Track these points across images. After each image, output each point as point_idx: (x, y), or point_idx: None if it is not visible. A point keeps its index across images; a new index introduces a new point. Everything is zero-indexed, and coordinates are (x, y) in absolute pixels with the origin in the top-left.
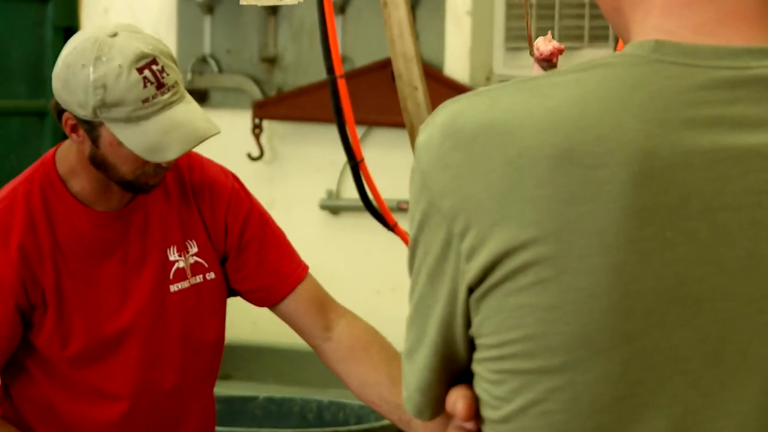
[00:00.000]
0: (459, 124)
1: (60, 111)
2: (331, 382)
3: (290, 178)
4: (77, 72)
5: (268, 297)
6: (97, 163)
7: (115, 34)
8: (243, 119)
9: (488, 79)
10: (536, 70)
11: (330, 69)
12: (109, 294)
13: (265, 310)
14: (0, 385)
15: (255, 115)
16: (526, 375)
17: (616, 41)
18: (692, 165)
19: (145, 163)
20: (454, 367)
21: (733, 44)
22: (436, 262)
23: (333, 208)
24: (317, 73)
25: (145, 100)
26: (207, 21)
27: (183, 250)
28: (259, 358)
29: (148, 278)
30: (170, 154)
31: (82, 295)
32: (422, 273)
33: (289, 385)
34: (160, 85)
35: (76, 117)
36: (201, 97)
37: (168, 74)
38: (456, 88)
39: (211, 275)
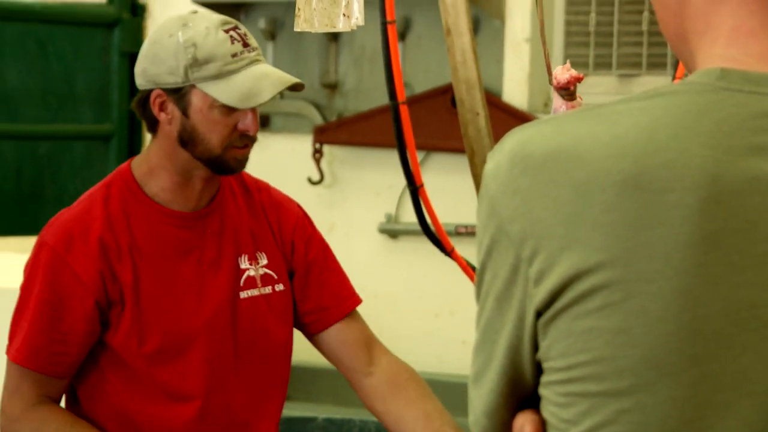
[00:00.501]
0: (527, 151)
1: (145, 98)
2: None
3: (350, 202)
4: (165, 41)
5: (324, 319)
6: (186, 138)
7: (195, 12)
8: (304, 144)
9: (546, 106)
10: (556, 98)
11: (393, 95)
12: (186, 293)
13: None
14: (66, 393)
15: (315, 140)
16: (594, 398)
17: (675, 68)
18: (759, 190)
19: (233, 131)
20: (520, 392)
21: None
22: (504, 287)
23: (392, 232)
24: (377, 99)
25: (234, 55)
26: (269, 47)
27: (254, 260)
28: (317, 379)
29: (223, 281)
30: (264, 96)
31: (160, 293)
32: (490, 298)
33: (347, 406)
34: (246, 44)
35: (165, 90)
36: (263, 122)
37: (251, 39)
38: (514, 115)
39: (280, 287)
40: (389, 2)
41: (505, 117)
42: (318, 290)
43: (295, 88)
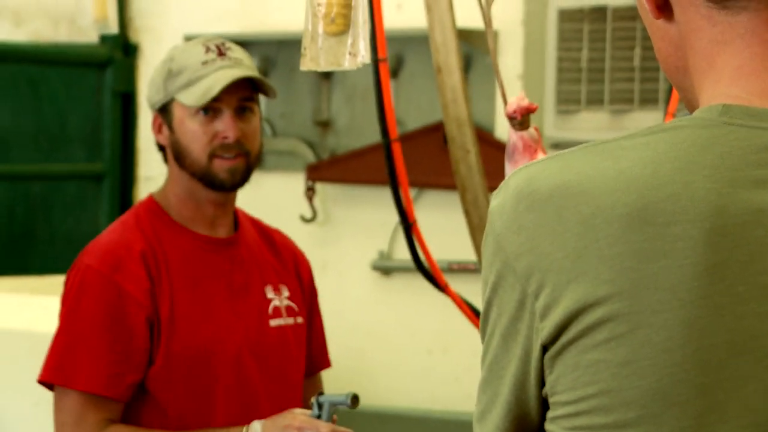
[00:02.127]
0: (533, 187)
1: (153, 123)
2: None
3: (342, 240)
4: (157, 67)
5: (313, 365)
6: (176, 154)
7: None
8: (296, 182)
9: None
10: (510, 128)
11: (385, 133)
12: (218, 316)
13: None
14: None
15: (308, 178)
16: (601, 430)
17: (666, 103)
18: (762, 223)
19: (213, 138)
20: (526, 428)
21: None
22: (510, 323)
23: (385, 269)
24: (370, 136)
25: (204, 63)
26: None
27: (278, 291)
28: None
29: (253, 308)
30: (215, 90)
31: (194, 314)
32: (496, 334)
33: None
34: (221, 54)
35: (159, 111)
36: None
37: (233, 51)
38: None
39: (299, 319)
40: (381, 40)
41: (497, 153)
42: (313, 337)
43: (266, 93)
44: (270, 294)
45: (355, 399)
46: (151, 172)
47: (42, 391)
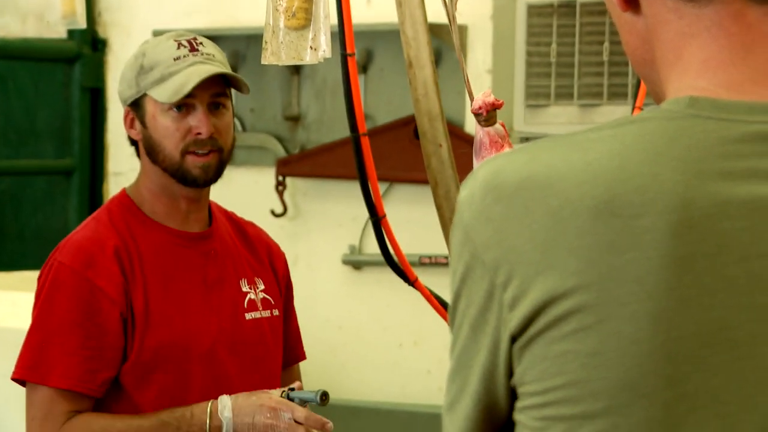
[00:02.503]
0: (500, 179)
1: (125, 118)
2: None
3: (313, 234)
4: (128, 61)
5: (288, 358)
6: (149, 149)
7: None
8: (266, 176)
9: (510, 137)
10: (476, 124)
11: (354, 127)
12: (193, 311)
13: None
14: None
15: (278, 173)
16: (569, 420)
17: (635, 98)
18: (729, 214)
19: (186, 134)
20: (495, 418)
21: (766, 101)
22: (478, 314)
23: (355, 263)
24: (340, 131)
25: (177, 58)
26: None
27: (252, 284)
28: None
29: (228, 302)
30: (188, 86)
31: (168, 310)
32: (464, 325)
33: None
34: (193, 49)
35: (130, 107)
36: None
37: (204, 46)
38: None
39: (276, 312)
40: (349, 35)
41: (467, 148)
42: (288, 328)
43: (240, 88)
44: (245, 287)
45: (324, 396)
46: (121, 168)
47: (12, 387)
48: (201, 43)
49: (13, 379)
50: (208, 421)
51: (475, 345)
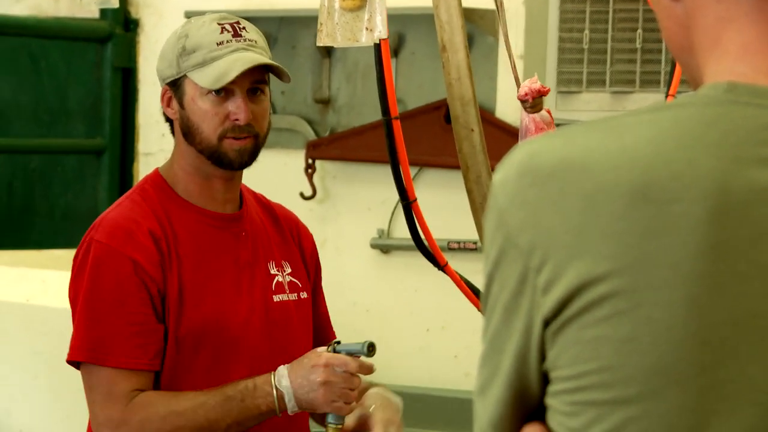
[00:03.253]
0: (535, 162)
1: (162, 96)
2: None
3: (342, 218)
4: (169, 39)
5: (318, 340)
6: (185, 130)
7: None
8: (296, 159)
9: None
10: (522, 110)
11: (386, 110)
12: (225, 292)
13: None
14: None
15: (308, 155)
16: (602, 406)
17: (668, 85)
18: (765, 201)
19: (225, 119)
20: (526, 402)
21: None
22: (511, 297)
23: (384, 247)
24: (370, 114)
25: (220, 43)
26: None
27: (280, 267)
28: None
29: (258, 284)
30: (230, 75)
31: (202, 290)
32: (497, 308)
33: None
34: (237, 35)
35: (168, 85)
36: None
37: (247, 31)
38: (507, 131)
39: (304, 294)
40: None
41: (498, 133)
42: (318, 310)
43: (281, 77)
44: (273, 270)
45: (371, 347)
46: (151, 148)
47: (41, 364)
48: (244, 28)
49: (67, 361)
50: (274, 392)
51: (507, 329)
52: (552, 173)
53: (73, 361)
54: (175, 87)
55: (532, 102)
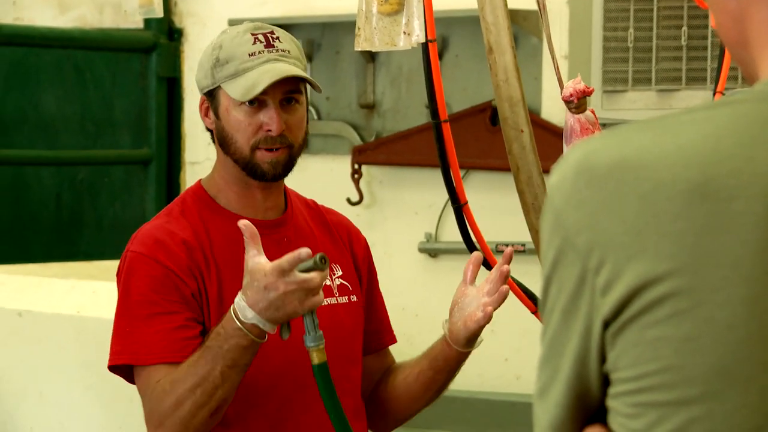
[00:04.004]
0: (592, 162)
1: (200, 106)
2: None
3: (389, 222)
4: (206, 50)
5: (377, 342)
6: (221, 140)
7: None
8: (342, 165)
9: None
10: (566, 111)
11: (435, 114)
12: None
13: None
14: None
15: (354, 161)
16: (664, 407)
17: (715, 82)
18: None
19: (257, 129)
20: (587, 404)
21: None
22: (570, 299)
23: (432, 251)
24: (415, 118)
25: (251, 54)
26: (307, 69)
27: (329, 270)
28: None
29: None
30: (259, 87)
31: None
32: (556, 311)
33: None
34: (269, 45)
35: (206, 95)
36: None
37: (281, 42)
38: (553, 131)
39: (354, 298)
40: (430, 21)
41: (544, 134)
42: (376, 311)
43: (312, 86)
44: None
45: (323, 260)
46: (197, 157)
47: (93, 376)
48: (278, 38)
49: (109, 367)
50: (243, 328)
51: (567, 331)
52: (608, 173)
53: (115, 366)
54: (211, 97)
55: (577, 102)
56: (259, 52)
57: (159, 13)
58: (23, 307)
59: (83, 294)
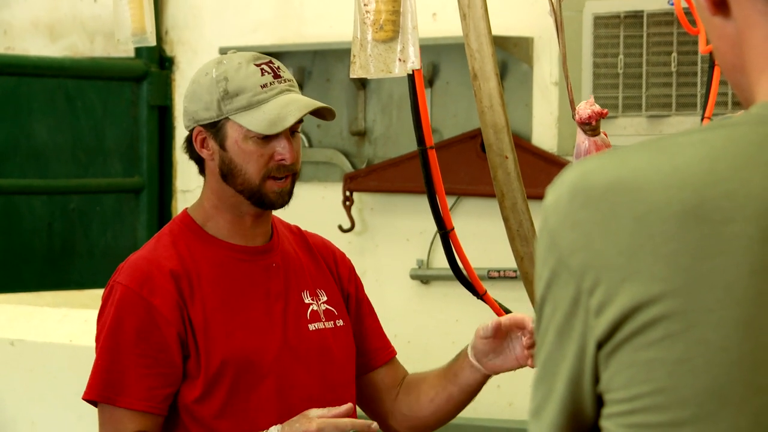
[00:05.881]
0: (587, 183)
1: (190, 138)
2: None
3: (381, 249)
4: (201, 80)
5: (372, 361)
6: (226, 171)
7: (234, 52)
8: (334, 192)
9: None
10: (579, 134)
11: (421, 140)
12: (256, 326)
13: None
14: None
15: (345, 188)
16: (656, 428)
17: (704, 108)
18: None
19: (269, 160)
20: (580, 425)
21: None
22: (564, 319)
23: (423, 277)
24: (406, 145)
25: (264, 86)
26: None
27: (315, 296)
28: None
29: (291, 314)
30: (289, 120)
31: (230, 326)
32: (550, 331)
33: None
34: (277, 76)
35: (204, 127)
36: None
37: (283, 71)
38: (544, 158)
39: (340, 322)
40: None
41: (535, 160)
42: (366, 331)
43: (325, 116)
44: (307, 299)
45: None
46: (189, 185)
47: (85, 405)
48: (279, 68)
49: (83, 399)
50: None
51: (560, 351)
52: (603, 194)
53: (89, 400)
54: (213, 129)
55: (594, 124)
56: (270, 84)
57: (152, 41)
58: (15, 336)
59: (75, 323)
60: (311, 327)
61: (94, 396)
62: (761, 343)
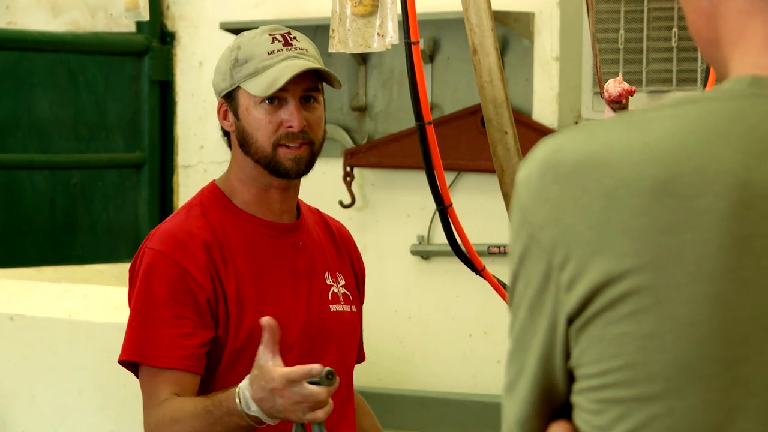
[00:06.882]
0: (558, 159)
1: (218, 110)
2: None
3: (381, 225)
4: (224, 53)
5: (358, 357)
6: (241, 141)
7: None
8: (334, 167)
9: (576, 123)
10: (608, 112)
11: (419, 116)
12: (282, 301)
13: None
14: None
15: (346, 163)
16: (626, 403)
17: (704, 84)
18: None
19: (278, 127)
20: (553, 400)
21: None
22: (536, 295)
23: (424, 253)
24: (407, 121)
25: (271, 52)
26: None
27: (335, 279)
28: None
29: (316, 293)
30: (280, 81)
31: (259, 299)
32: (522, 306)
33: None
34: (287, 44)
35: (224, 98)
36: None
37: (298, 40)
38: (544, 133)
39: (354, 308)
40: (413, 23)
41: (535, 135)
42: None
43: (331, 83)
44: (329, 280)
45: (330, 375)
46: (190, 160)
47: (85, 379)
48: (295, 38)
49: (119, 362)
50: (247, 419)
51: (532, 326)
52: (574, 170)
53: (123, 362)
54: (230, 99)
55: (625, 102)
56: (278, 50)
57: (145, 16)
58: (15, 311)
59: (75, 298)
60: (332, 308)
61: (128, 356)
62: (730, 318)
